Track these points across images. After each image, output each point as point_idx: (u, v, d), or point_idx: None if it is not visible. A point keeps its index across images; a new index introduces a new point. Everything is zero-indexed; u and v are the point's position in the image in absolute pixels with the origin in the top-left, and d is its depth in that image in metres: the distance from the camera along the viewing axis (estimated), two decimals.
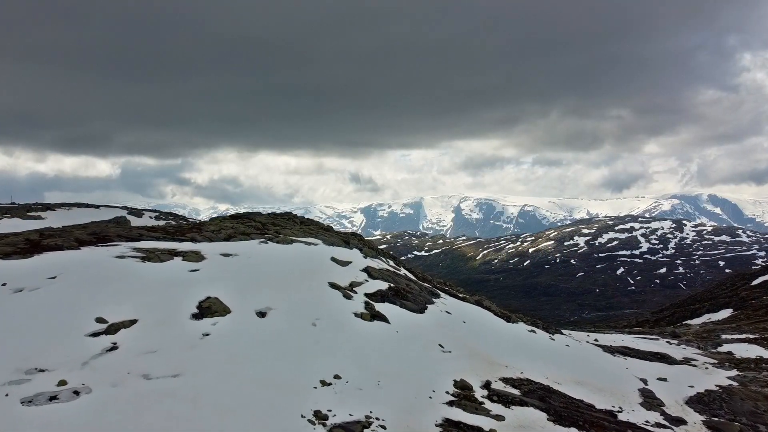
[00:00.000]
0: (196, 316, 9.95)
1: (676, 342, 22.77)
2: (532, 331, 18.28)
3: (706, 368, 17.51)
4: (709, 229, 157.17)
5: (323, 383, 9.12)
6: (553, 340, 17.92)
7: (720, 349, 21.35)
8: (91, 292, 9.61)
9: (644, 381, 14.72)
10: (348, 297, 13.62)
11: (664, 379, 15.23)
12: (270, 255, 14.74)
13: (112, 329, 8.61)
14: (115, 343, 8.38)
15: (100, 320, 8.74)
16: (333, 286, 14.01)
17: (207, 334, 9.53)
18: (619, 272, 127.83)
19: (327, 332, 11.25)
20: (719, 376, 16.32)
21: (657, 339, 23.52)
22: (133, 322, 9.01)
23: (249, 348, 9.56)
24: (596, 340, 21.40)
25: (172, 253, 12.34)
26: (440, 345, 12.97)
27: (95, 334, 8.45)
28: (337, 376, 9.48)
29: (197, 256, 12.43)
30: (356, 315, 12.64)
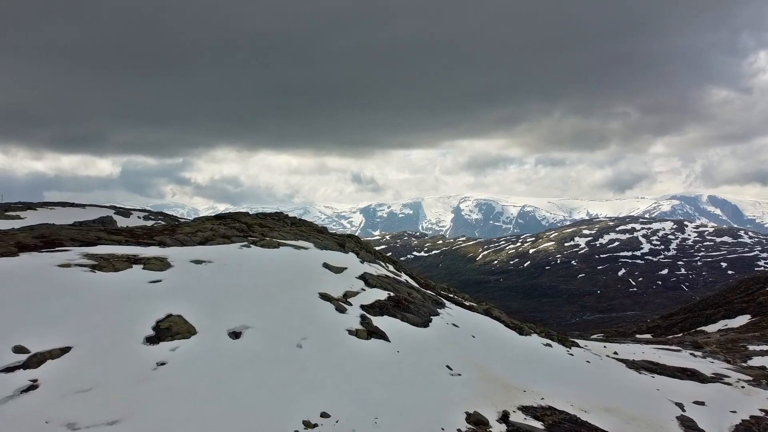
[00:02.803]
0: (151, 340, 8.06)
1: (700, 354, 20.92)
2: (548, 344, 16.42)
3: (742, 387, 15.69)
4: (711, 230, 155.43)
5: (307, 425, 7.30)
6: (572, 355, 16.07)
7: (750, 362, 19.53)
8: (16, 312, 7.67)
9: (680, 406, 12.87)
10: (341, 310, 11.78)
11: (702, 403, 13.39)
12: (251, 261, 12.85)
13: (35, 361, 6.69)
14: (35, 381, 6.48)
15: (19, 349, 6.82)
16: (324, 297, 12.18)
17: (163, 363, 7.66)
18: (620, 273, 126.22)
19: (315, 356, 9.41)
20: (760, 398, 14.50)
21: (679, 351, 21.65)
22: (65, 350, 7.10)
23: (216, 380, 7.69)
24: (615, 353, 19.52)
25: (132, 260, 10.43)
26: (448, 366, 11.18)
27: (10, 369, 6.52)
28: (324, 414, 7.65)
29: (162, 264, 10.53)
30: (350, 332, 10.82)
